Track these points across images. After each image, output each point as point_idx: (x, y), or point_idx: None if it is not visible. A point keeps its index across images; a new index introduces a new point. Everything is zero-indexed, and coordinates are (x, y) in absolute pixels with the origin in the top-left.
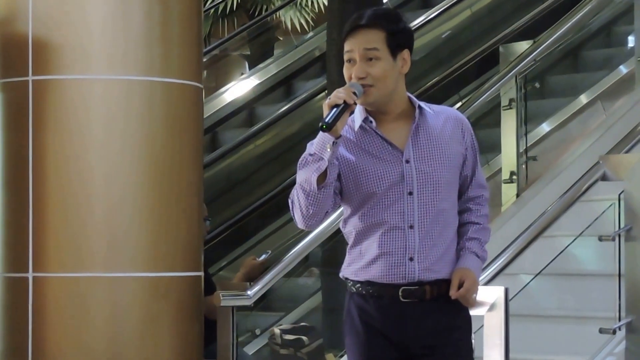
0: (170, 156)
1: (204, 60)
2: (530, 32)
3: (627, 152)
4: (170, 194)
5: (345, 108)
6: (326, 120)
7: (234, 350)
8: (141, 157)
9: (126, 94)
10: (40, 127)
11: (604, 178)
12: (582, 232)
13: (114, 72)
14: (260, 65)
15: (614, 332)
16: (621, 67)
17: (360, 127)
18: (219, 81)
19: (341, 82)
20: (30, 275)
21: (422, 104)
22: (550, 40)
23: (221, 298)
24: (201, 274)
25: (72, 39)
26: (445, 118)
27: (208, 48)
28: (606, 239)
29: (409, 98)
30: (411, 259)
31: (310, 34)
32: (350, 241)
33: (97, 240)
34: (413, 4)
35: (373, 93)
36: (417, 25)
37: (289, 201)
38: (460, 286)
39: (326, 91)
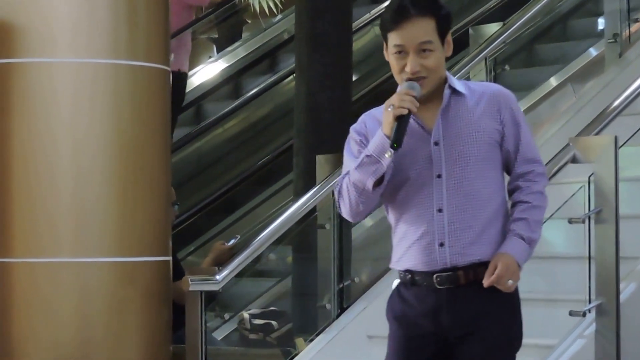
0: (137, 140)
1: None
2: (501, 14)
3: (596, 134)
4: (138, 178)
5: (410, 116)
6: (395, 138)
7: (202, 335)
8: (108, 141)
9: (92, 77)
10: (5, 112)
11: (573, 160)
12: (552, 214)
13: (79, 55)
14: (229, 49)
15: (584, 314)
16: (591, 49)
17: None
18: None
19: (310, 65)
20: None
21: (459, 82)
22: (520, 22)
23: (190, 283)
24: (169, 258)
25: (37, 22)
26: (480, 95)
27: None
28: (576, 222)
29: (446, 77)
30: (441, 244)
31: (279, 16)
32: (392, 229)
33: (63, 225)
34: None
35: (428, 84)
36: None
37: (336, 191)
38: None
39: (294, 74)
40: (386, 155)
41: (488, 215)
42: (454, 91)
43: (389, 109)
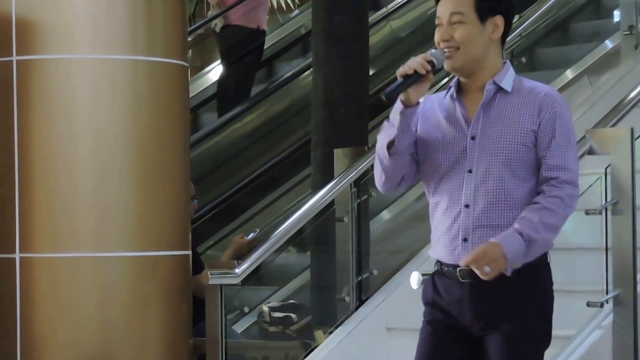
0: (156, 135)
1: (189, 39)
2: (516, 6)
3: (613, 125)
4: (157, 173)
5: (416, 78)
6: (386, 90)
7: (222, 328)
8: (127, 137)
9: (111, 73)
10: (25, 108)
11: (590, 152)
12: None
13: (98, 52)
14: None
15: (602, 305)
16: (607, 41)
17: (450, 94)
18: (204, 60)
19: (328, 60)
20: (17, 255)
21: (510, 78)
22: (536, 15)
23: (209, 276)
24: (189, 252)
25: (55, 18)
26: (527, 94)
27: (193, 27)
28: (593, 213)
29: (499, 68)
30: (465, 240)
31: (296, 11)
32: (430, 215)
33: (84, 220)
34: None
35: (458, 57)
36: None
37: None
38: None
39: (311, 69)
40: (397, 117)
41: (516, 216)
42: (500, 87)
43: (399, 70)
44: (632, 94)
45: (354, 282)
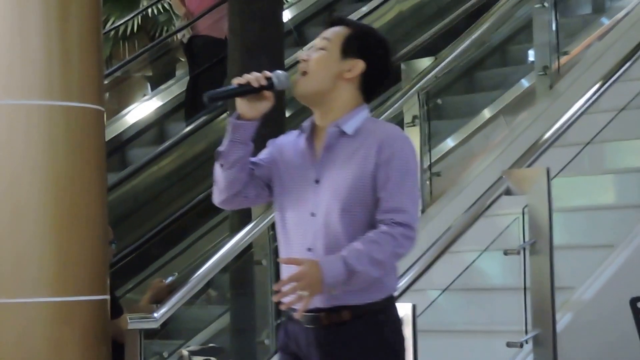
0: (72, 179)
1: (105, 82)
2: (432, 49)
3: (529, 166)
4: (74, 217)
5: (247, 90)
6: (212, 92)
7: None
8: (42, 181)
9: (26, 118)
10: None
11: (507, 192)
12: (488, 246)
13: (12, 97)
14: (163, 87)
15: (521, 345)
16: (522, 81)
17: (303, 134)
18: (121, 103)
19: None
20: None
21: (355, 121)
22: (451, 57)
23: (128, 321)
24: (107, 297)
25: None
26: (368, 135)
27: (110, 70)
28: (512, 253)
29: (354, 112)
30: None
31: None
32: None
33: (1, 265)
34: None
35: (303, 82)
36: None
37: None
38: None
39: (227, 112)
40: (229, 126)
41: None
42: (341, 130)
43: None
44: (548, 134)
45: (273, 324)
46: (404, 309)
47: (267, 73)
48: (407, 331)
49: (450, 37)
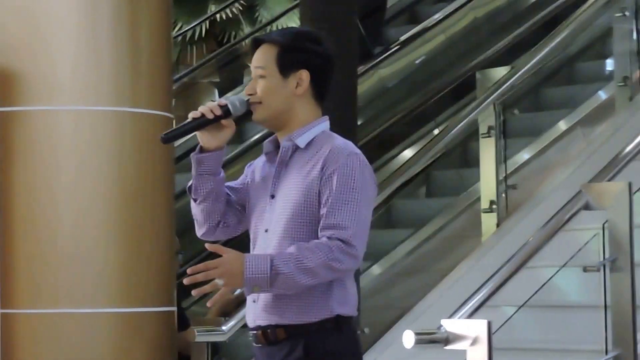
0: (140, 188)
1: (173, 88)
2: (506, 57)
3: (609, 180)
4: (141, 227)
5: (203, 122)
6: (168, 132)
7: None
8: (111, 190)
9: (95, 125)
10: (8, 160)
11: (586, 207)
12: (566, 263)
13: (82, 103)
14: (230, 93)
15: None
16: (600, 92)
17: (266, 151)
18: (188, 109)
19: None
20: None
21: (311, 134)
22: (528, 66)
23: (196, 334)
24: (174, 308)
25: (39, 70)
26: (318, 149)
27: (177, 76)
28: (591, 270)
29: (310, 125)
30: (254, 301)
31: None
32: None
33: (67, 275)
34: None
35: (260, 111)
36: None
37: None
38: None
39: None
40: (193, 162)
41: None
42: (294, 145)
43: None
44: (629, 148)
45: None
46: (478, 326)
47: (222, 101)
48: (482, 349)
49: (524, 47)
